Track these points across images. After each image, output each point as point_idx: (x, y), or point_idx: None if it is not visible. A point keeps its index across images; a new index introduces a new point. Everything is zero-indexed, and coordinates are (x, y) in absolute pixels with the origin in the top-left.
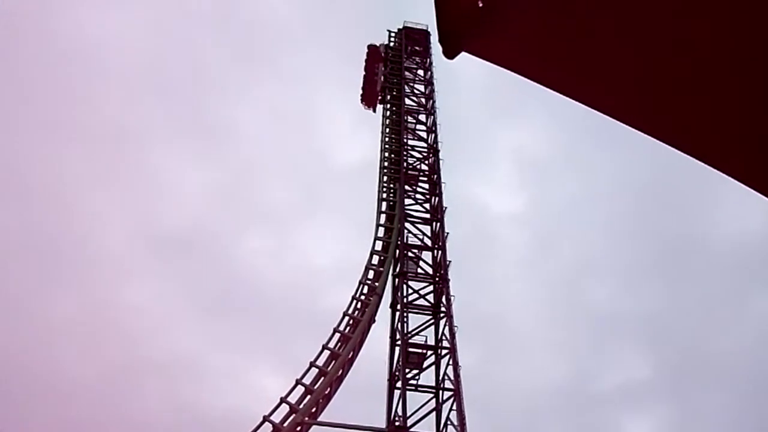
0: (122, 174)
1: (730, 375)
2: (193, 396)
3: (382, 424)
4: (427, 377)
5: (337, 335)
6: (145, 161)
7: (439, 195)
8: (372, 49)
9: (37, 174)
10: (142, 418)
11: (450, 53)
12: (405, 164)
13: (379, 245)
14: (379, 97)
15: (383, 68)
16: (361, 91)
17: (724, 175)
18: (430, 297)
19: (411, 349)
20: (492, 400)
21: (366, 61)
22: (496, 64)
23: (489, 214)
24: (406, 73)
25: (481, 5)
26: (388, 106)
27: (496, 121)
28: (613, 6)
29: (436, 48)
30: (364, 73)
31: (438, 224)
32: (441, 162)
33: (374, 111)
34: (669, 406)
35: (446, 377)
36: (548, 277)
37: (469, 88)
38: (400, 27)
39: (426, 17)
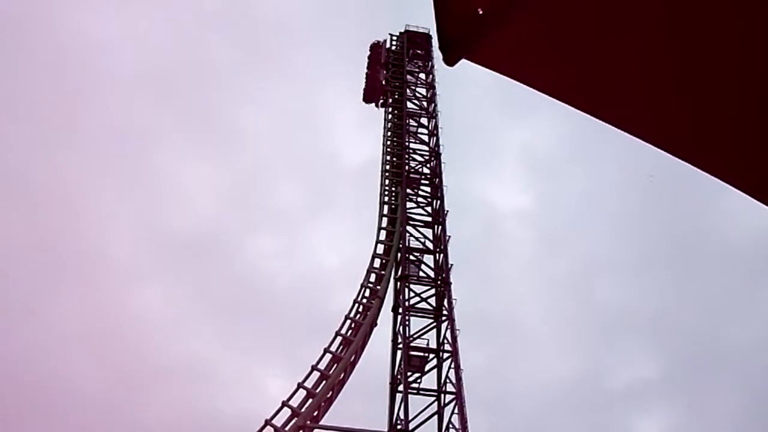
0: (128, 177)
1: (740, 372)
2: (202, 400)
3: (384, 428)
4: (429, 380)
5: (339, 338)
6: (152, 163)
7: (441, 198)
8: (374, 48)
9: (41, 177)
10: (150, 423)
11: (450, 60)
12: (407, 167)
13: (380, 248)
14: (381, 100)
15: (384, 71)
16: (363, 89)
17: (732, 186)
18: (432, 300)
19: (413, 353)
20: (501, 399)
21: (368, 58)
22: (497, 72)
23: (497, 213)
24: (408, 76)
25: (481, 12)
26: (390, 109)
27: (503, 118)
28: (621, 15)
29: (437, 51)
30: (366, 71)
31: (440, 227)
32: (443, 165)
33: (377, 107)
34: (678, 403)
35: (448, 380)
36: (557, 275)
37: (474, 85)
38: (402, 30)
39: (430, 19)
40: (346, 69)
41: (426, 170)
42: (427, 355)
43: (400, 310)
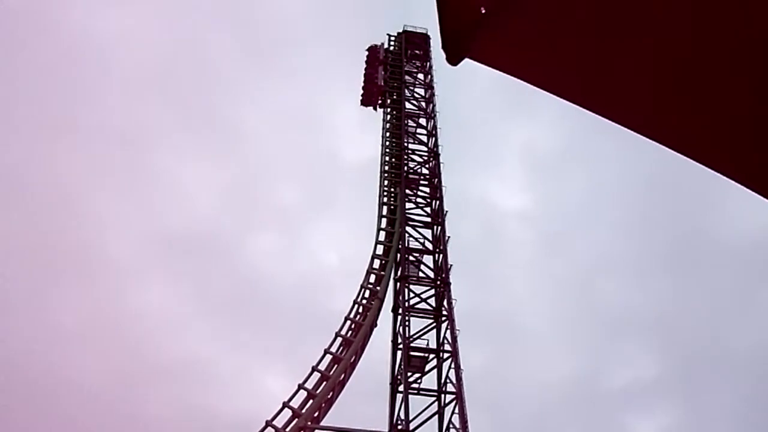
0: (128, 176)
1: (739, 373)
2: (202, 400)
3: (385, 428)
4: (430, 381)
5: (339, 339)
6: (152, 163)
7: (440, 199)
8: (371, 51)
9: (41, 177)
10: (150, 422)
11: (453, 59)
12: (405, 168)
13: (380, 249)
14: (380, 101)
15: (383, 72)
16: (361, 92)
17: (737, 183)
18: (432, 301)
19: (413, 353)
20: (501, 399)
21: (366, 62)
22: (500, 71)
23: (497, 213)
24: (406, 76)
25: (483, 11)
26: (389, 110)
27: (503, 118)
28: (624, 12)
29: (436, 51)
30: (364, 73)
31: (439, 228)
32: (441, 165)
33: (375, 109)
34: (677, 404)
35: (448, 381)
36: (557, 275)
37: (474, 85)
38: (400, 31)
39: (430, 18)
40: (346, 68)
41: (425, 171)
42: (427, 355)
43: (400, 311)
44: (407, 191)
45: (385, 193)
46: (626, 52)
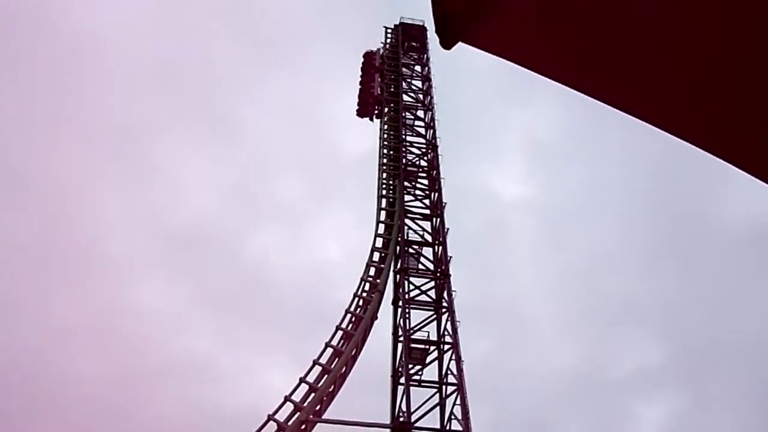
0: (128, 172)
1: (743, 360)
2: (204, 396)
3: (387, 420)
4: (431, 372)
5: (340, 332)
6: (151, 158)
7: (439, 190)
8: (367, 57)
9: (40, 174)
10: (151, 420)
11: (446, 44)
12: (404, 160)
13: (379, 242)
14: (376, 110)
15: (379, 79)
16: (357, 100)
17: (736, 167)
18: (432, 293)
19: (413, 345)
20: (504, 389)
21: (361, 69)
22: (494, 55)
23: (499, 203)
24: (404, 69)
25: None
26: (386, 103)
27: (502, 107)
28: None
29: (433, 43)
30: (359, 81)
31: (438, 220)
32: (440, 157)
33: (371, 120)
34: (681, 391)
35: (449, 372)
36: (559, 265)
37: (473, 73)
38: (397, 23)
39: (428, 11)
40: (344, 61)
41: (423, 163)
42: (427, 347)
43: (400, 303)
44: (406, 183)
45: (384, 186)
46: (626, 34)
